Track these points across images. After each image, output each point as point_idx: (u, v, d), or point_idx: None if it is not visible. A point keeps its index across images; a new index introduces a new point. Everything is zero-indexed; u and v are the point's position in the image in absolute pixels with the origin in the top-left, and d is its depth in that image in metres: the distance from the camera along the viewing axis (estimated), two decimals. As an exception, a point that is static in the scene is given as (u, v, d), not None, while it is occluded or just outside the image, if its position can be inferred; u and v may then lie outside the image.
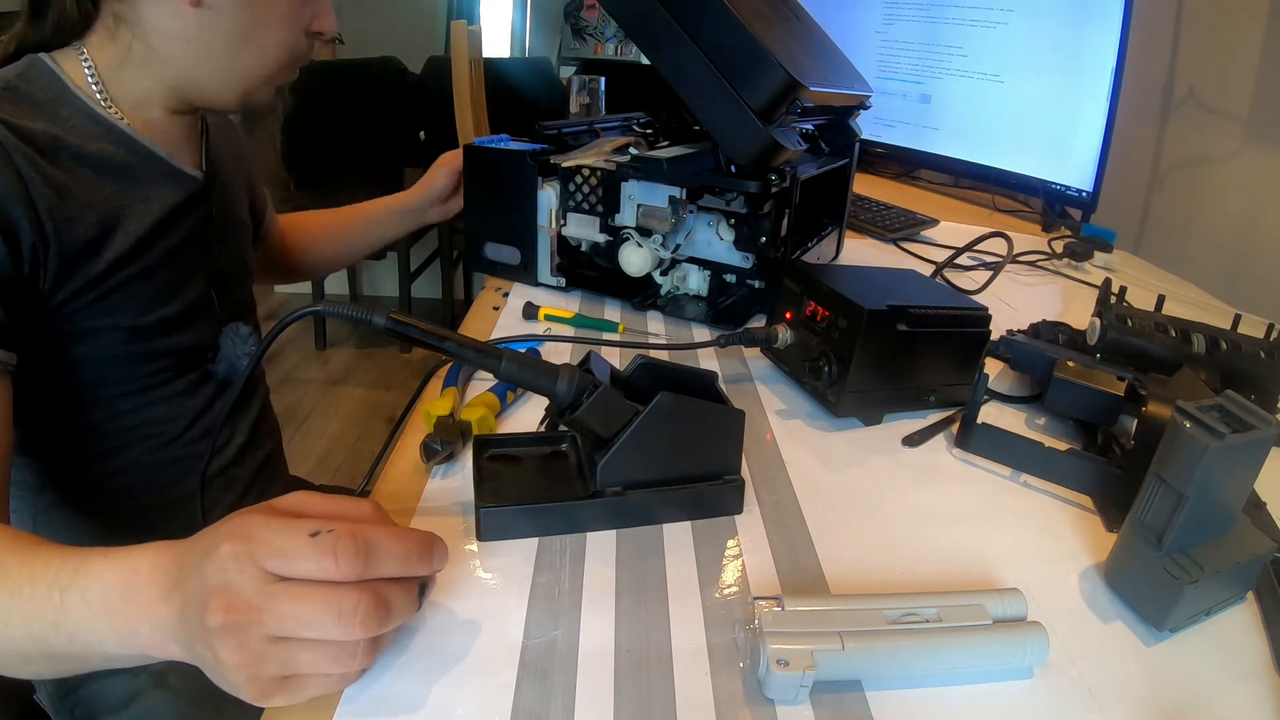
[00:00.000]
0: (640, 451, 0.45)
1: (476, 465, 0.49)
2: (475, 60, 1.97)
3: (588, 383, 0.43)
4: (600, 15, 3.31)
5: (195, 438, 0.66)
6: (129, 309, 0.59)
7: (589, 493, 0.46)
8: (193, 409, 0.66)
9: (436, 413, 0.55)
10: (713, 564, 0.45)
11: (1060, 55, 1.28)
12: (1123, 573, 0.45)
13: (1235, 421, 0.40)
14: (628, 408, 0.44)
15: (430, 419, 0.55)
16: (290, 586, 0.31)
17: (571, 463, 0.51)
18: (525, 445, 0.52)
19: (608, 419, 0.44)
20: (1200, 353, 0.64)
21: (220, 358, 0.68)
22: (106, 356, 0.59)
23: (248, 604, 0.30)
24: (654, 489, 0.47)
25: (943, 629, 0.38)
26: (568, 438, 0.52)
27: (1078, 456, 0.55)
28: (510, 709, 0.35)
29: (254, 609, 0.30)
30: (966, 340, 0.62)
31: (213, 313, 0.68)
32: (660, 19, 0.65)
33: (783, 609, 0.37)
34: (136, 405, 0.62)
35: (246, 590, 0.30)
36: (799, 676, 0.34)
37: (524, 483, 0.49)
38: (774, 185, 0.69)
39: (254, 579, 0.31)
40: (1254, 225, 1.38)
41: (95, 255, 0.56)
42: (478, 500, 0.46)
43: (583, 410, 0.43)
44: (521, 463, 0.51)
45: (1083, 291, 0.99)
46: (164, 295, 0.62)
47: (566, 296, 0.82)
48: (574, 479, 0.49)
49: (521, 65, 2.88)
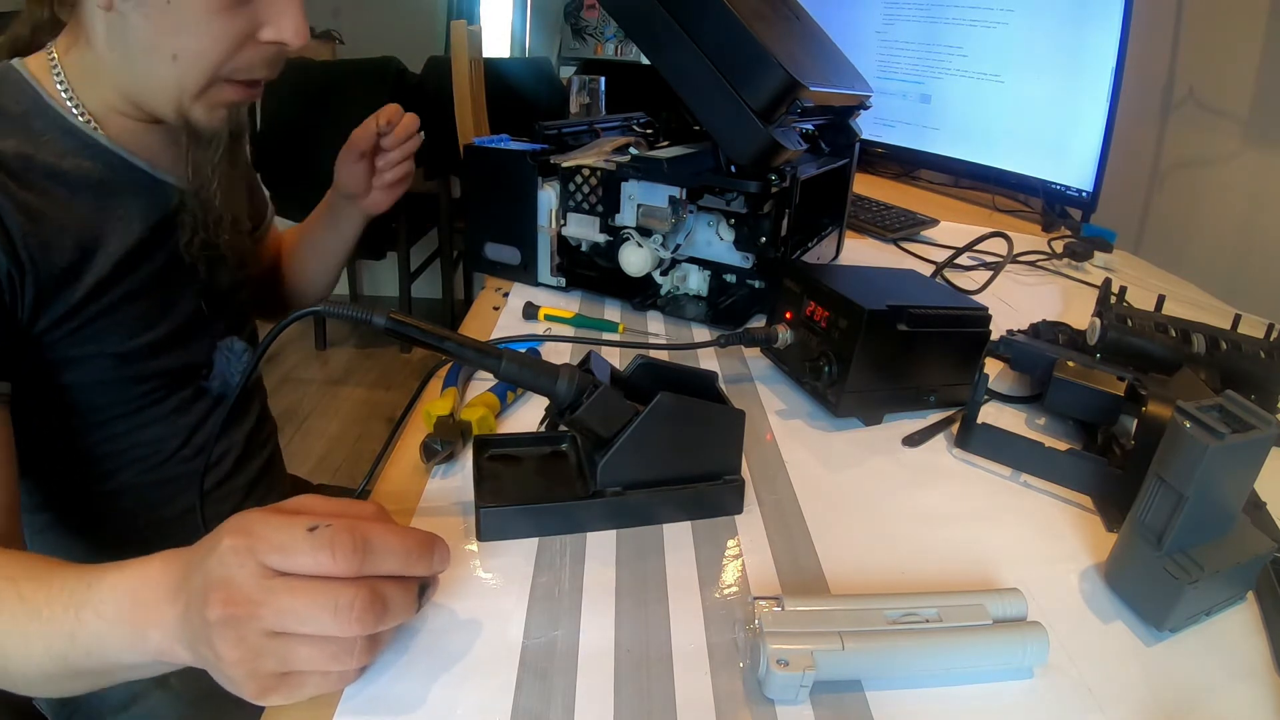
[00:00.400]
0: (640, 451, 0.45)
1: (476, 465, 0.49)
2: (475, 60, 1.97)
3: (588, 383, 0.43)
4: (600, 15, 3.31)
5: (189, 455, 0.65)
6: (114, 334, 0.57)
7: (589, 493, 0.47)
8: (186, 426, 0.65)
9: (436, 413, 0.55)
10: (713, 564, 0.45)
11: (1060, 55, 1.28)
12: (1123, 573, 0.45)
13: (1235, 421, 0.40)
14: (628, 408, 0.44)
15: (430, 419, 0.55)
16: (288, 581, 0.31)
17: (572, 463, 0.51)
18: (525, 445, 0.52)
19: (608, 419, 0.44)
20: (1200, 353, 0.64)
21: (214, 374, 0.66)
22: (93, 383, 0.57)
23: (246, 598, 0.30)
24: (654, 489, 0.47)
25: (943, 629, 0.38)
26: (568, 438, 0.52)
27: (1078, 456, 0.55)
28: (510, 709, 0.35)
29: (252, 602, 0.30)
30: (966, 340, 0.62)
31: (206, 330, 0.65)
32: (660, 19, 0.65)
33: (783, 609, 0.37)
34: (129, 427, 0.61)
35: (245, 584, 0.31)
36: (799, 676, 0.34)
37: (524, 483, 0.49)
38: (774, 185, 0.69)
39: (253, 573, 0.31)
40: (1254, 225, 1.38)
41: (74, 281, 0.53)
42: (478, 500, 0.46)
43: (583, 410, 0.43)
44: (522, 463, 0.51)
45: (1083, 291, 0.99)
46: (151, 317, 0.59)
47: (566, 296, 0.82)
48: (574, 479, 0.49)
49: (521, 65, 2.88)
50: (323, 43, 3.03)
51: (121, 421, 0.60)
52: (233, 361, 0.68)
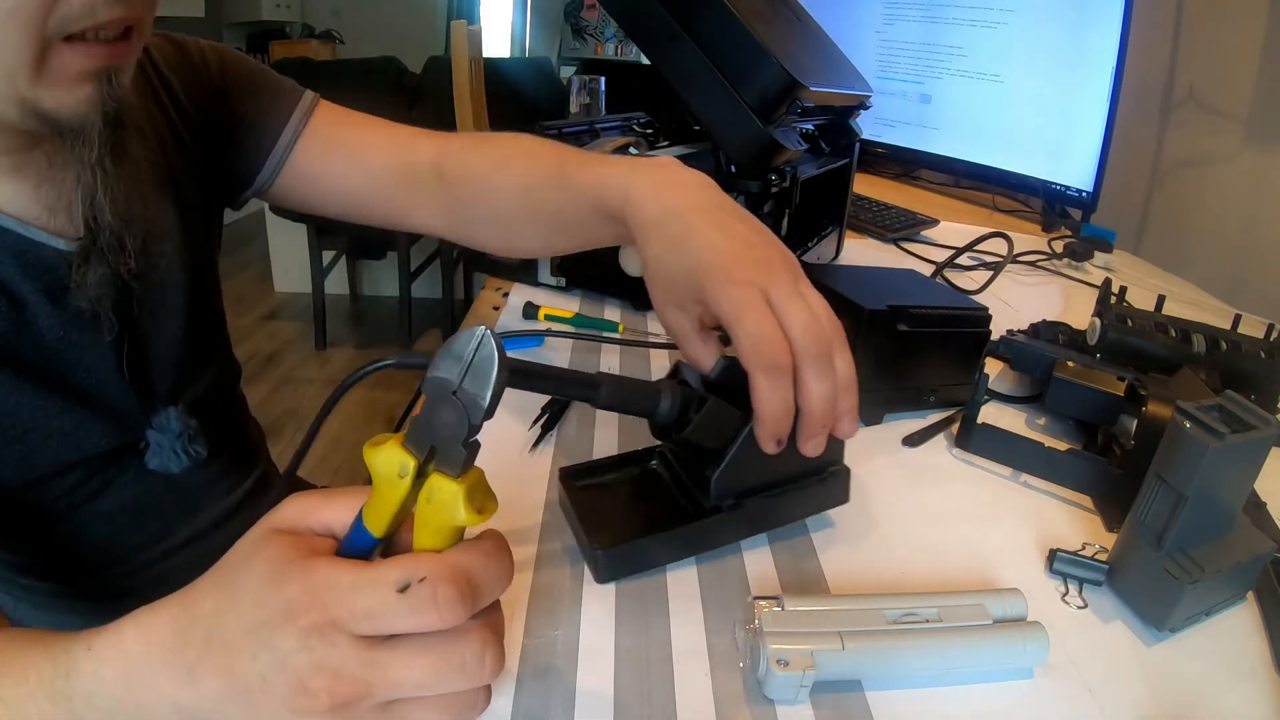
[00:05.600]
0: (752, 458, 0.42)
1: (571, 502, 0.45)
2: (475, 60, 1.97)
3: (691, 397, 0.41)
4: (600, 15, 3.31)
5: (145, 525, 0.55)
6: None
7: (706, 510, 0.44)
8: (135, 504, 0.54)
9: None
10: (713, 563, 0.45)
11: (1060, 55, 1.28)
12: (1123, 573, 0.45)
13: (1235, 421, 0.40)
14: (736, 416, 0.41)
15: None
16: (396, 652, 0.27)
17: (667, 480, 0.47)
18: (611, 470, 0.48)
19: (719, 431, 0.42)
20: (1200, 353, 0.64)
21: (150, 455, 0.53)
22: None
23: (353, 679, 0.26)
24: (767, 493, 0.45)
25: (943, 629, 0.38)
26: (656, 454, 0.49)
27: (1078, 456, 0.55)
28: (510, 709, 0.35)
29: (361, 683, 0.26)
30: (966, 340, 0.62)
31: (129, 413, 0.51)
32: (660, 19, 0.65)
33: (782, 609, 0.37)
34: (68, 527, 0.51)
35: (346, 666, 0.26)
36: (799, 676, 0.34)
37: (629, 512, 0.45)
38: (774, 185, 0.69)
39: (349, 650, 0.26)
40: (1254, 225, 1.38)
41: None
42: (591, 543, 0.42)
43: (693, 428, 0.40)
44: (613, 489, 0.47)
45: (1083, 291, 0.99)
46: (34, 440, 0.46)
47: (566, 296, 0.82)
48: (677, 497, 0.46)
49: (521, 65, 2.88)
50: (323, 43, 3.04)
51: (53, 524, 0.50)
52: (169, 441, 0.53)
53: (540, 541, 0.46)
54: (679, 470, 0.47)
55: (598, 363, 0.68)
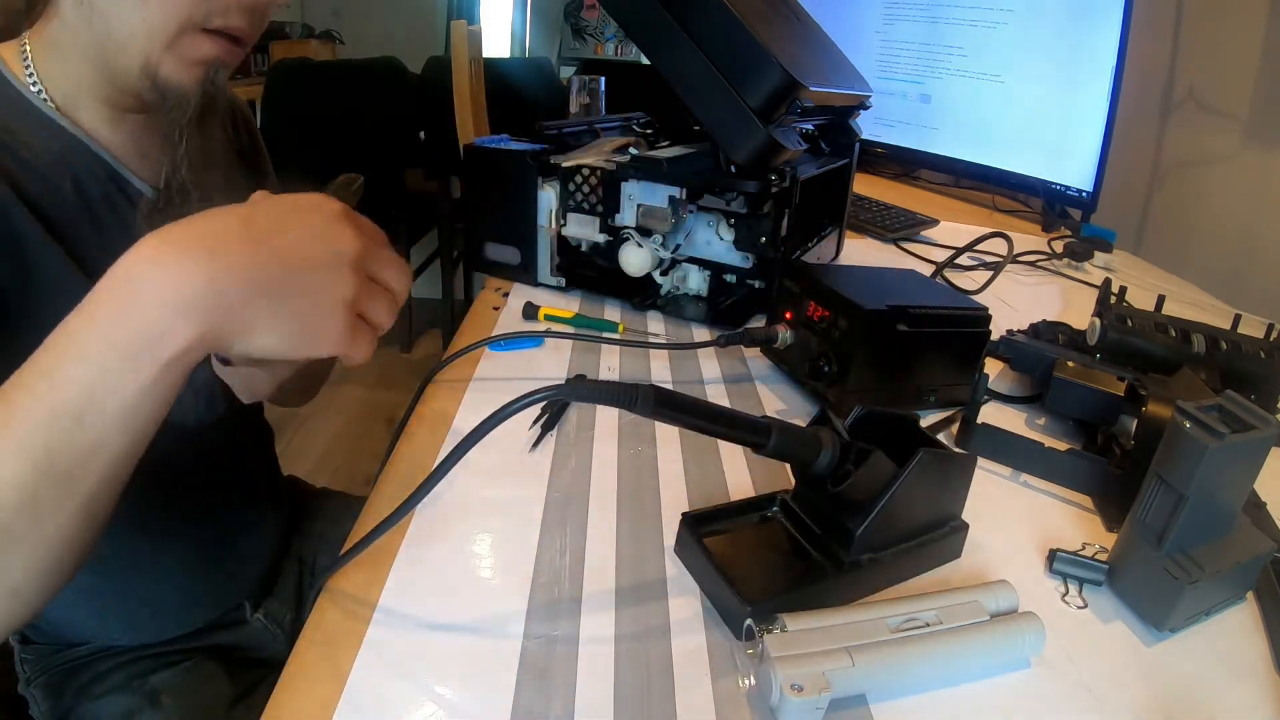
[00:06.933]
0: (896, 513, 0.42)
1: (700, 549, 0.43)
2: (475, 60, 1.97)
3: (850, 448, 0.40)
4: (600, 15, 3.31)
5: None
6: None
7: (844, 563, 0.42)
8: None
9: None
10: (713, 564, 0.45)
11: (1060, 55, 1.28)
12: (1123, 573, 0.45)
13: (1235, 421, 0.40)
14: (892, 469, 0.41)
15: None
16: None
17: (789, 529, 0.46)
18: (733, 516, 0.47)
19: (873, 484, 0.41)
20: (1200, 353, 0.64)
21: None
22: None
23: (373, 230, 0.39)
24: (898, 548, 0.44)
25: (945, 631, 0.38)
26: (777, 500, 0.47)
27: (1078, 456, 0.55)
28: (510, 709, 0.35)
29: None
30: (966, 340, 0.62)
31: None
32: (660, 19, 0.65)
33: (784, 630, 0.36)
34: None
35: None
36: (814, 700, 0.33)
37: (764, 564, 0.44)
38: (774, 185, 0.69)
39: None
40: (1254, 225, 1.38)
41: None
42: (740, 596, 0.39)
43: (853, 481, 0.40)
44: (739, 535, 0.45)
45: (1083, 291, 0.99)
46: None
47: (566, 296, 0.82)
48: (809, 550, 0.44)
49: (521, 65, 2.89)
50: (323, 43, 3.03)
51: None
52: (190, 392, 0.59)
53: (540, 541, 0.46)
54: (806, 520, 0.45)
55: (598, 363, 0.68)
